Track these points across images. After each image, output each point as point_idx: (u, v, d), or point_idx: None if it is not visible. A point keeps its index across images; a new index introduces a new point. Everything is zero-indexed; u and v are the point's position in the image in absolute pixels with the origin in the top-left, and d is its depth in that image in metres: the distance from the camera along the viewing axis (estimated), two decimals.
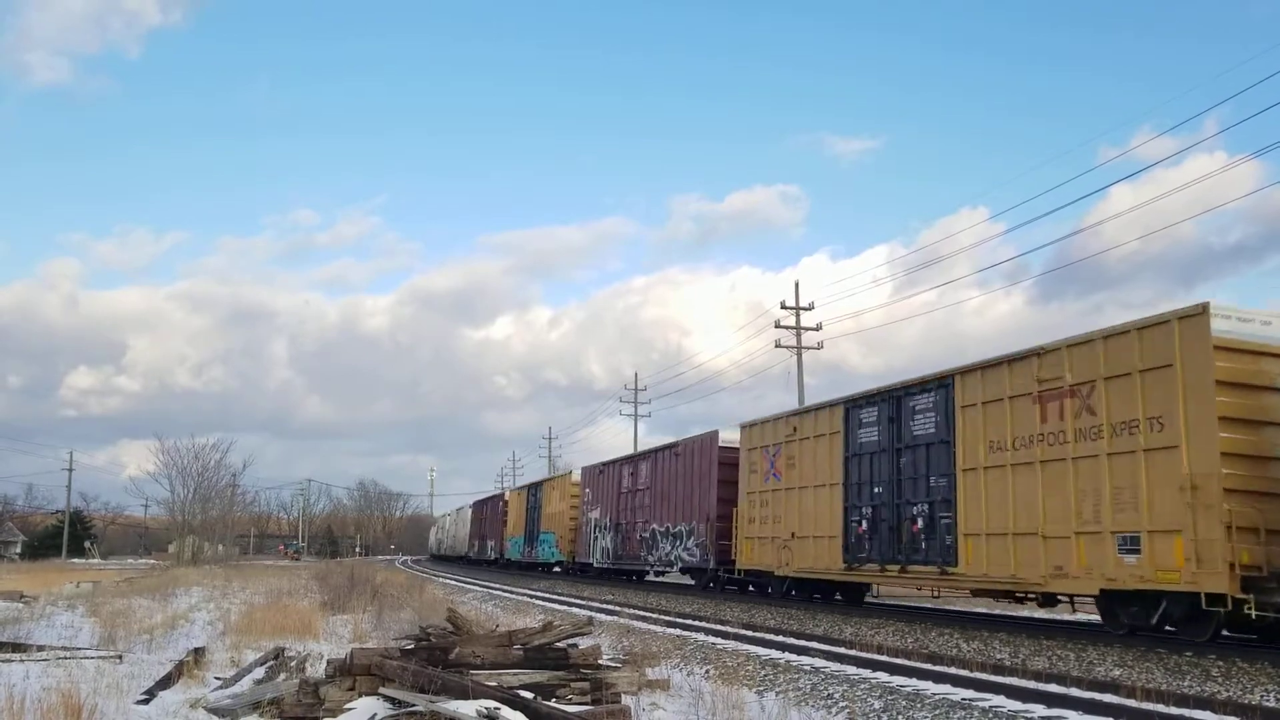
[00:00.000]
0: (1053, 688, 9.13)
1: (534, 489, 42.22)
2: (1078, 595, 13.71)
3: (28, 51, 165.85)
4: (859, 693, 9.31)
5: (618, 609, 19.45)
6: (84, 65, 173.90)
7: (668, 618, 17.83)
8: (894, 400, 16.98)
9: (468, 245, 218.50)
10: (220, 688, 9.57)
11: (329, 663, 9.02)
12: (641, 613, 18.81)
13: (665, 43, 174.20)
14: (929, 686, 9.31)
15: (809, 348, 37.59)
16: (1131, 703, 8.22)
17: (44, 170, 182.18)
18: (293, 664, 10.61)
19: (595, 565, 32.62)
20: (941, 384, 15.81)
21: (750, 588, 23.17)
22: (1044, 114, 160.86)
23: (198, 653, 11.66)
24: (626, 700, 8.32)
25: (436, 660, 7.97)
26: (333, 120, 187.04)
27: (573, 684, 8.26)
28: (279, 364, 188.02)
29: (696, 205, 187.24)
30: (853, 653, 11.88)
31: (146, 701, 8.69)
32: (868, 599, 21.85)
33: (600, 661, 9.07)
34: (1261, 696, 8.99)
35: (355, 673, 7.87)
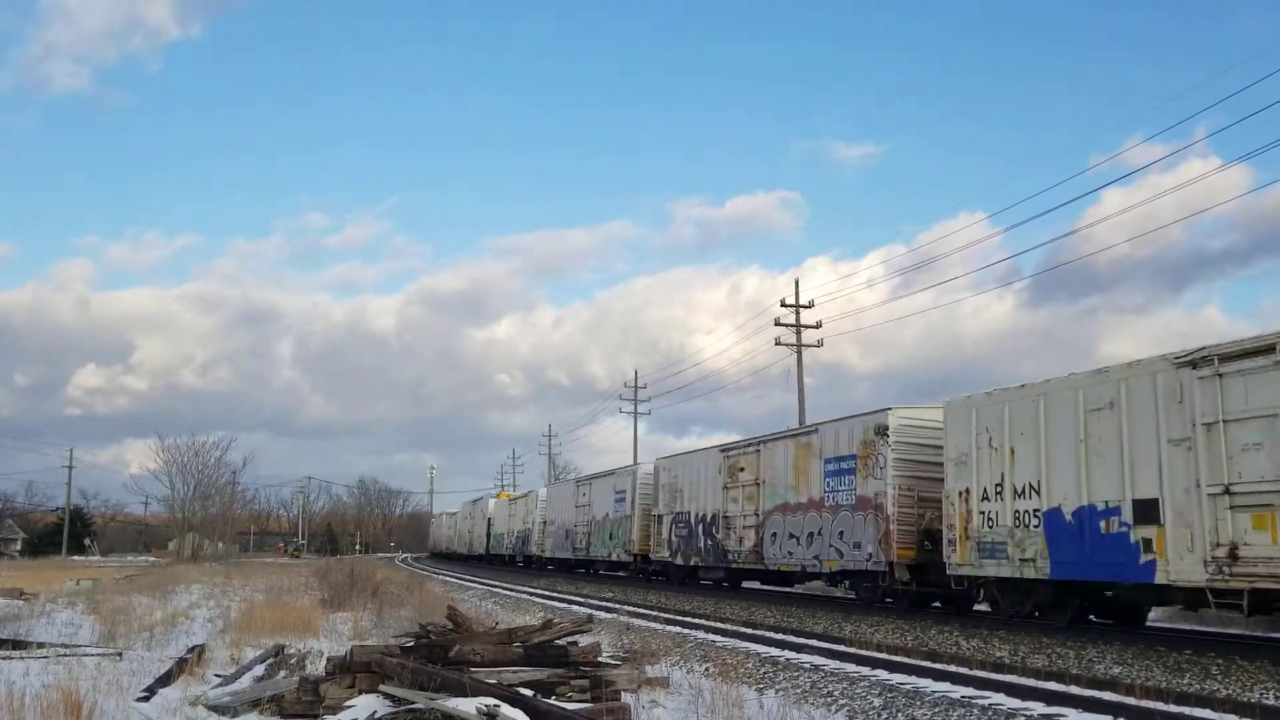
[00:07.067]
0: (1052, 685, 9.13)
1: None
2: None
3: (50, 61, 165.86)
4: (859, 690, 9.32)
5: (617, 606, 19.47)
6: (103, 75, 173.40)
7: (667, 615, 17.86)
8: None
9: (476, 248, 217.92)
10: (220, 685, 9.57)
11: (329, 660, 9.04)
12: (641, 610, 18.84)
13: (670, 49, 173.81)
14: (928, 684, 9.32)
15: (809, 345, 37.59)
16: (1131, 700, 8.22)
17: (60, 174, 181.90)
18: (293, 661, 10.61)
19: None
20: None
21: None
22: (1043, 115, 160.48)
23: (198, 650, 11.66)
24: (626, 698, 8.33)
25: (436, 658, 7.98)
26: (345, 125, 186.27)
27: (572, 681, 8.27)
28: (285, 364, 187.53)
29: (698, 210, 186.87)
30: (852, 650, 11.89)
31: (146, 699, 8.69)
32: None
33: (600, 659, 9.08)
34: (1261, 694, 9.01)
35: (355, 670, 7.88)
